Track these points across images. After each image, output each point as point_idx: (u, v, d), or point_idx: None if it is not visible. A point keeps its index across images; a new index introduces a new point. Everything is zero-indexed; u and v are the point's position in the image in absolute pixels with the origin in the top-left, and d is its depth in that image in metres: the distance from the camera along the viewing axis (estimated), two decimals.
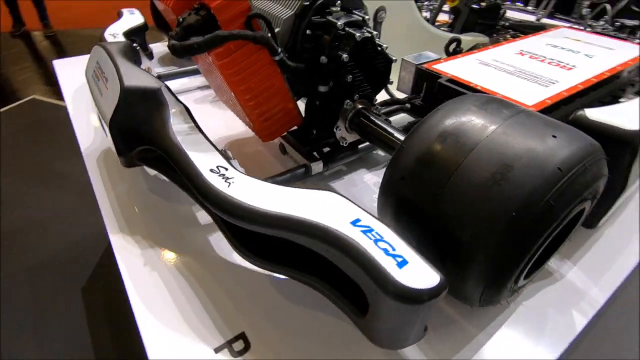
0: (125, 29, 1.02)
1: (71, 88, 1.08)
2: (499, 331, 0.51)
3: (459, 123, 0.45)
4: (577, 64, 0.80)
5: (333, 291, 0.47)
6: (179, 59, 0.91)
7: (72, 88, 1.08)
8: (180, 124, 0.60)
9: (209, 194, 0.48)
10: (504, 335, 0.50)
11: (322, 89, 0.66)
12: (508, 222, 0.38)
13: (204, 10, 0.55)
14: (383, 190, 0.50)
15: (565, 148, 0.39)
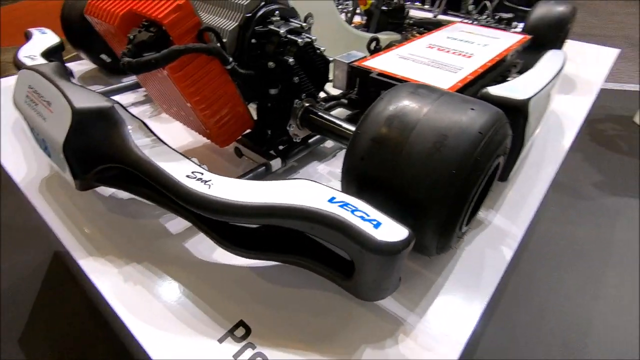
0: (43, 50, 0.96)
1: None
2: (452, 273, 0.62)
3: (400, 107, 0.55)
4: (474, 52, 0.97)
5: (319, 264, 0.54)
6: (111, 76, 0.90)
7: None
8: (142, 138, 0.62)
9: (193, 197, 0.51)
10: (456, 273, 0.62)
11: (273, 92, 0.72)
12: (451, 179, 0.48)
13: (154, 27, 0.58)
14: (346, 171, 0.58)
15: (481, 117, 0.51)
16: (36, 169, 0.82)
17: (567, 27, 1.24)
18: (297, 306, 0.56)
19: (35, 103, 0.67)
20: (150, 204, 0.70)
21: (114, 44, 0.71)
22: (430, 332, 0.53)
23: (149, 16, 0.57)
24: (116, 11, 0.61)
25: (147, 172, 0.57)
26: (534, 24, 1.27)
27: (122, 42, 0.66)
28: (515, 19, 1.40)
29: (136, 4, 0.60)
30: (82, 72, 1.25)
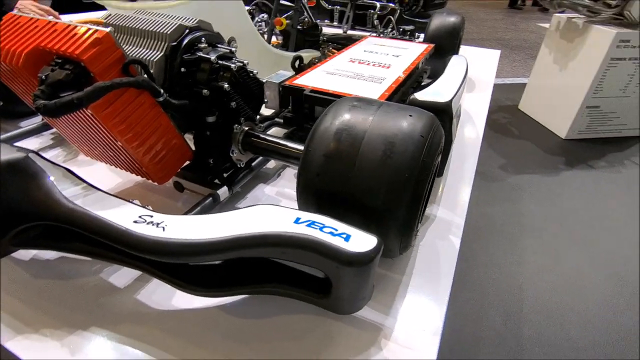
0: None
1: None
2: (414, 269, 0.66)
3: (345, 121, 0.57)
4: (390, 63, 1.05)
5: (291, 288, 0.52)
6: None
7: None
8: (70, 187, 0.55)
9: (147, 244, 0.47)
10: (417, 269, 0.66)
11: (210, 119, 0.69)
12: (404, 182, 0.52)
13: (70, 63, 0.52)
14: (302, 189, 0.58)
15: (420, 121, 0.56)
16: None
17: (460, 35, 1.42)
18: (275, 335, 0.54)
19: None
20: (86, 259, 0.63)
21: (17, 86, 0.62)
22: (408, 330, 0.55)
23: (64, 53, 0.51)
24: (18, 49, 0.54)
25: (84, 225, 0.50)
26: (433, 34, 1.43)
27: (28, 83, 0.58)
28: (416, 30, 1.56)
29: (44, 40, 0.53)
30: None
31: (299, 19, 1.42)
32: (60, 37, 0.53)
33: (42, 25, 0.56)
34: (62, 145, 1.00)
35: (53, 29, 0.55)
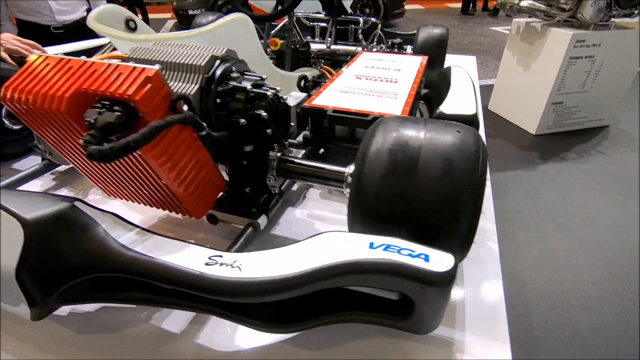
0: None
1: None
2: (466, 278, 0.67)
3: (397, 141, 0.58)
4: (396, 77, 1.08)
5: (370, 314, 0.52)
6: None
7: None
8: (125, 234, 0.52)
9: (231, 287, 0.45)
10: (468, 277, 0.67)
11: (247, 148, 0.68)
12: (466, 197, 0.53)
13: (118, 105, 0.50)
14: (361, 213, 0.58)
15: (469, 136, 0.58)
16: None
17: (446, 45, 1.48)
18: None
19: None
20: (129, 306, 0.59)
21: (46, 130, 0.58)
22: (478, 341, 0.56)
23: (112, 94, 0.49)
24: (58, 93, 0.50)
25: (151, 274, 0.47)
26: (421, 46, 1.48)
27: (64, 127, 0.55)
28: (404, 43, 1.61)
29: (85, 82, 0.51)
30: None
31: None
32: (105, 78, 0.51)
33: (77, 66, 0.53)
34: (67, 186, 0.94)
35: (92, 69, 0.52)
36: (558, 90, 2.81)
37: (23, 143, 1.05)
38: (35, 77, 0.53)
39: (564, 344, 1.46)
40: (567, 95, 2.87)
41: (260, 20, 1.36)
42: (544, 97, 2.84)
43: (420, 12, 8.98)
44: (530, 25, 2.89)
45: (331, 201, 0.89)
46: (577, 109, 2.97)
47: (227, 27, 0.80)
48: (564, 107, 2.93)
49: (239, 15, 0.82)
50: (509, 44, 3.17)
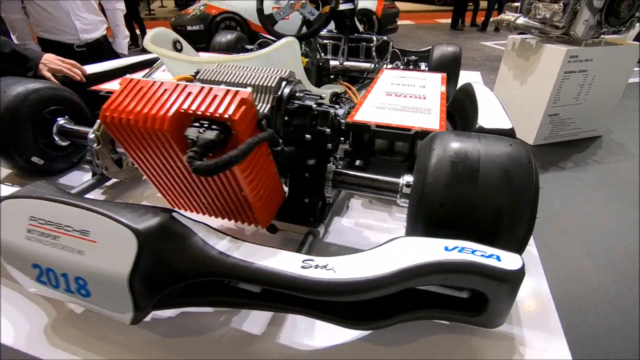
0: None
1: None
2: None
3: (457, 153, 0.64)
4: (423, 94, 1.15)
5: (446, 311, 0.57)
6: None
7: None
8: (219, 242, 0.56)
9: (328, 287, 0.50)
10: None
11: (311, 162, 0.73)
12: (525, 204, 0.59)
13: (217, 124, 0.55)
14: (426, 219, 0.63)
15: (520, 149, 0.64)
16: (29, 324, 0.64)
17: (460, 63, 1.57)
18: (433, 356, 0.58)
19: (53, 237, 0.54)
20: (205, 311, 0.64)
21: (139, 148, 0.62)
22: (535, 334, 0.62)
23: (211, 115, 0.54)
24: (159, 114, 0.55)
25: (253, 277, 0.52)
26: (437, 63, 1.57)
27: (161, 146, 0.59)
28: (420, 60, 1.70)
29: (185, 104, 0.56)
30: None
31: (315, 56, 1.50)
32: (202, 100, 0.56)
33: (171, 88, 0.59)
34: (118, 198, 0.98)
35: (186, 92, 0.58)
36: (554, 103, 2.94)
37: (68, 159, 1.08)
38: (132, 99, 0.58)
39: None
40: (563, 108, 3.00)
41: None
42: (540, 109, 2.96)
43: (412, 28, 9.24)
44: (526, 42, 3.04)
45: (373, 210, 0.95)
46: (571, 121, 3.10)
47: (281, 50, 0.86)
48: (559, 119, 3.05)
49: (291, 38, 0.88)
50: (505, 59, 3.31)
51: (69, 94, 1.04)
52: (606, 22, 2.68)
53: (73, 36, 1.67)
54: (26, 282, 0.59)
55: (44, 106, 0.98)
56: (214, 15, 6.09)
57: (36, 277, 0.57)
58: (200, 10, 6.15)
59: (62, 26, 1.62)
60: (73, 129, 1.01)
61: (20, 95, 0.93)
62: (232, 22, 6.19)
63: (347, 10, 1.69)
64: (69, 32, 1.64)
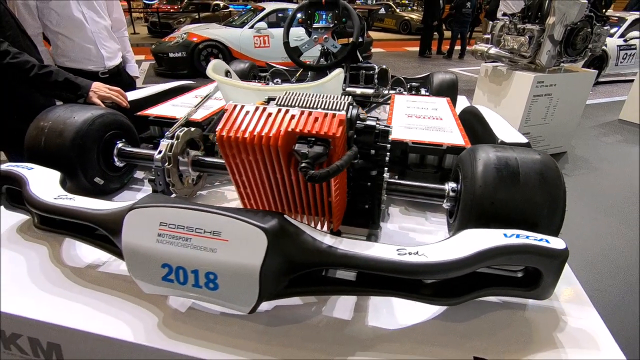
0: (58, 184, 0.85)
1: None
2: None
3: (498, 161, 0.79)
4: (439, 115, 1.33)
5: (507, 288, 0.70)
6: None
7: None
8: (323, 237, 0.67)
9: (422, 268, 0.62)
10: None
11: (374, 173, 0.86)
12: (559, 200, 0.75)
13: (320, 141, 0.67)
14: (479, 215, 0.77)
15: (548, 157, 0.80)
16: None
17: (457, 88, 1.78)
18: (493, 328, 0.71)
19: (184, 239, 0.63)
20: (298, 303, 0.74)
21: (245, 162, 0.72)
22: (570, 305, 0.76)
23: (318, 133, 0.66)
24: (273, 133, 0.66)
25: (361, 264, 0.63)
26: (437, 88, 1.77)
27: (268, 160, 0.70)
28: (421, 86, 1.90)
29: (291, 125, 0.67)
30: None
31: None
32: (305, 121, 0.68)
33: (275, 112, 0.70)
34: None
35: (289, 115, 0.70)
36: (525, 123, 3.27)
37: (121, 179, 1.15)
38: (242, 121, 0.70)
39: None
40: (533, 127, 3.33)
41: (311, 70, 1.57)
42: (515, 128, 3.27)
43: (383, 55, 9.78)
44: (497, 69, 3.38)
45: (410, 215, 1.08)
46: (541, 138, 3.44)
47: (334, 79, 1.01)
48: (530, 137, 3.38)
49: (340, 70, 1.03)
50: (479, 84, 3.65)
51: (124, 119, 1.13)
52: (565, 53, 3.06)
53: (99, 64, 1.74)
54: (145, 284, 0.67)
55: (106, 130, 1.06)
56: (196, 43, 6.24)
57: (163, 277, 0.65)
58: (182, 38, 6.28)
59: (90, 55, 1.70)
60: (133, 151, 1.09)
61: (88, 120, 1.01)
62: (215, 49, 6.35)
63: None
64: (95, 61, 1.72)
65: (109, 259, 0.87)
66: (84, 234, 0.80)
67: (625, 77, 6.60)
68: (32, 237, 0.93)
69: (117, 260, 0.86)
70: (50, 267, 0.84)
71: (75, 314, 0.72)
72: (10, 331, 0.75)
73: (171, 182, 0.98)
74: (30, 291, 0.77)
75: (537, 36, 2.97)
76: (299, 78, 2.07)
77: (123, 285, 0.79)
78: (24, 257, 0.86)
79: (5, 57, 1.12)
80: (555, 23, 2.88)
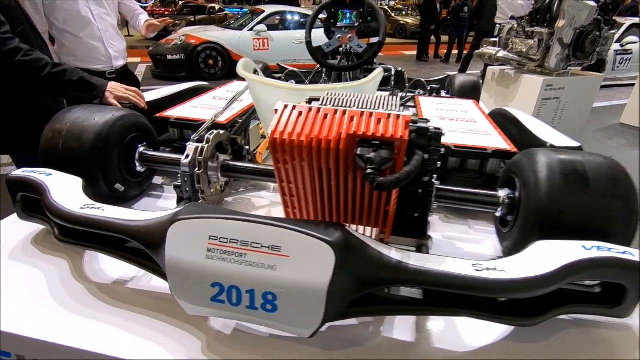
0: (81, 191, 0.78)
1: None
2: None
3: (564, 166, 0.73)
4: (471, 117, 1.27)
5: (589, 305, 0.64)
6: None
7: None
8: (390, 251, 0.61)
9: (505, 285, 0.56)
10: None
11: (426, 179, 0.80)
12: (632, 207, 0.69)
13: (385, 144, 0.60)
14: (542, 226, 0.71)
15: (614, 161, 0.75)
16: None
17: (480, 90, 1.74)
18: (572, 346, 0.65)
19: (238, 254, 0.56)
20: (353, 323, 0.67)
21: (299, 166, 0.65)
22: None
23: (382, 137, 0.60)
24: (333, 136, 0.60)
25: (436, 281, 0.57)
26: (459, 90, 1.72)
27: (325, 164, 0.63)
28: (442, 89, 1.85)
29: (352, 126, 0.61)
30: None
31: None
32: (367, 123, 0.62)
33: (332, 113, 0.64)
34: None
35: (349, 116, 0.63)
36: None
37: (141, 185, 1.08)
38: (296, 123, 0.63)
39: None
40: None
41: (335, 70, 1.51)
42: None
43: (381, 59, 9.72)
44: (505, 72, 3.36)
45: (452, 223, 1.02)
46: None
47: (376, 79, 0.95)
48: None
49: (381, 69, 0.97)
50: (486, 88, 3.62)
51: (145, 121, 1.05)
52: (574, 56, 3.04)
53: (106, 64, 1.66)
54: (190, 305, 0.60)
55: (127, 133, 0.98)
56: (195, 45, 6.15)
57: (212, 297, 0.58)
58: (181, 40, 6.19)
59: (97, 54, 1.62)
60: (156, 155, 1.02)
61: (109, 122, 0.93)
62: (214, 52, 6.27)
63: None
64: (102, 60, 1.64)
65: (137, 274, 0.79)
66: (113, 246, 0.72)
67: (622, 81, 6.67)
68: (49, 249, 0.85)
69: (147, 275, 0.78)
70: (73, 283, 0.76)
71: (104, 337, 0.64)
72: (31, 357, 0.67)
73: (200, 189, 0.91)
74: (52, 311, 0.69)
75: (546, 39, 2.95)
76: (312, 80, 2.01)
77: (156, 304, 0.71)
78: (42, 273, 0.78)
79: (17, 54, 1.04)
80: (564, 26, 2.87)
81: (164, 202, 1.07)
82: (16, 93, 1.27)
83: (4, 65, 1.05)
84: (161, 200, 1.09)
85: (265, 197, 1.10)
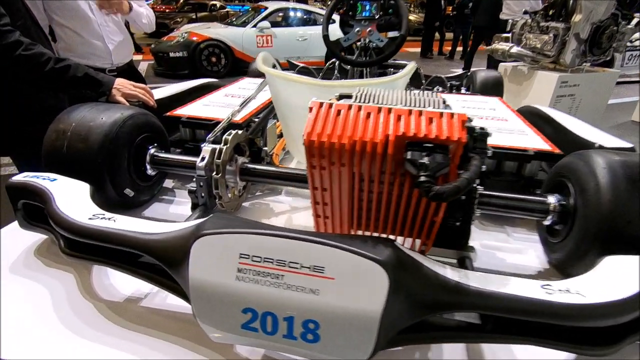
0: (89, 199, 0.70)
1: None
2: None
3: (629, 168, 0.65)
4: (502, 116, 1.19)
5: None
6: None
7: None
8: (444, 270, 0.53)
9: (585, 312, 0.48)
10: None
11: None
12: None
13: (439, 147, 0.53)
14: (608, 239, 0.64)
15: None
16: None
17: (503, 87, 1.65)
18: None
19: (274, 276, 0.49)
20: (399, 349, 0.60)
21: (335, 170, 0.58)
22: None
23: (438, 138, 0.52)
24: (380, 138, 0.52)
25: (503, 307, 0.49)
26: (482, 87, 1.64)
27: (368, 168, 0.56)
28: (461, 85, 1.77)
29: (400, 127, 0.53)
30: None
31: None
32: (417, 123, 0.54)
33: (375, 112, 0.56)
34: None
35: (395, 115, 0.55)
36: None
37: (151, 190, 1.00)
38: (335, 123, 0.55)
39: None
40: None
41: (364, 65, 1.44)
42: None
43: None
44: (517, 69, 3.27)
45: (489, 231, 0.94)
46: None
47: (408, 74, 0.87)
48: None
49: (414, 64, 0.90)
50: None
51: (156, 120, 0.98)
52: (590, 52, 2.95)
53: (106, 61, 1.58)
54: (216, 332, 0.52)
55: (138, 133, 0.91)
56: (197, 42, 6.06)
57: (243, 324, 0.50)
58: (183, 38, 6.10)
59: (96, 51, 1.54)
60: (168, 157, 0.94)
61: (118, 121, 0.85)
62: (217, 49, 6.18)
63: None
64: (102, 57, 1.56)
65: (151, 290, 0.71)
66: (125, 261, 0.65)
67: (630, 78, 6.56)
68: (54, 261, 0.77)
69: (161, 292, 0.71)
70: (81, 300, 0.69)
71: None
72: None
73: (218, 194, 0.83)
74: (57, 333, 0.62)
75: (562, 34, 2.86)
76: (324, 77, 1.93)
77: (174, 325, 0.64)
78: (46, 289, 0.71)
79: (17, 48, 0.96)
80: (581, 21, 2.77)
81: (176, 208, 0.99)
82: (16, 92, 1.19)
83: (4, 60, 0.97)
84: (173, 206, 1.01)
85: (284, 202, 1.02)
